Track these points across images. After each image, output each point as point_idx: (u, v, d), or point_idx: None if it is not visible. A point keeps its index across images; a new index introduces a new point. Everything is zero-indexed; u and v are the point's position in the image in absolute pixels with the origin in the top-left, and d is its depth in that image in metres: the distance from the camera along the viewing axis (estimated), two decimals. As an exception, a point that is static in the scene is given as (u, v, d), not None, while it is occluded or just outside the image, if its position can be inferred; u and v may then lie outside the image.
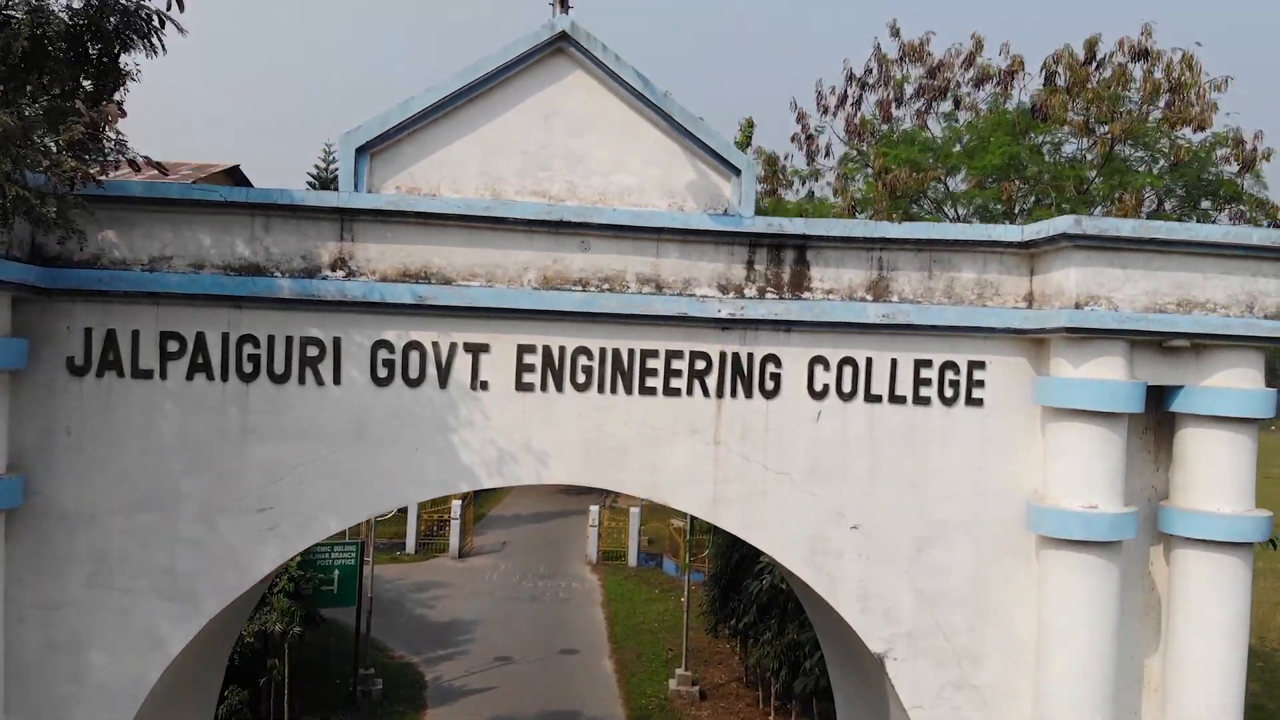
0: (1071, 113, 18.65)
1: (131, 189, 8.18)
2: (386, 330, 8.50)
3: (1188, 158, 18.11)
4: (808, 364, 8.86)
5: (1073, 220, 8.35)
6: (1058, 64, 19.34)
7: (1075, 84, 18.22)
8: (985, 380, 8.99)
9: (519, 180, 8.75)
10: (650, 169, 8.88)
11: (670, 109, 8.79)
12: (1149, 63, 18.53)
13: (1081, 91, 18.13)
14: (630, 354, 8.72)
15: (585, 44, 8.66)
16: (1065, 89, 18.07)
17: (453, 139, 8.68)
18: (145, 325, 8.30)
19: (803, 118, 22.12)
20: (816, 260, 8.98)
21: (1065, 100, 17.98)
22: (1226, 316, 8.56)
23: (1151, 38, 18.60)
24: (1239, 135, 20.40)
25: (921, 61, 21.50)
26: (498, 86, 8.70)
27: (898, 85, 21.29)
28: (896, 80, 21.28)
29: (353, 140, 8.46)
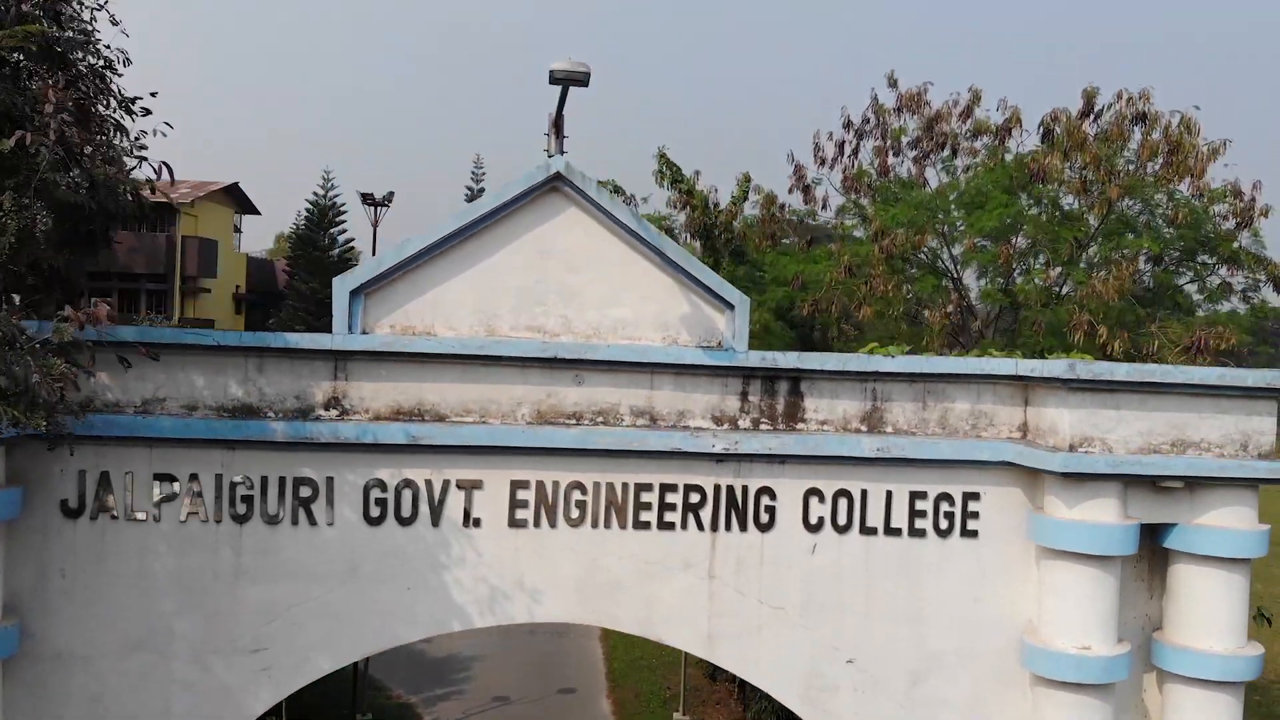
0: (1069, 171, 18.62)
1: (124, 334, 8.16)
2: (380, 469, 8.49)
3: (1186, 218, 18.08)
4: (802, 496, 8.86)
5: (1066, 365, 8.34)
6: (1055, 122, 19.32)
7: (1073, 145, 18.20)
8: (980, 511, 8.99)
9: (514, 316, 8.74)
10: (645, 303, 8.87)
11: (664, 246, 8.79)
12: (1147, 125, 18.51)
13: (1079, 153, 18.12)
14: (624, 488, 8.72)
15: (580, 184, 8.65)
16: (1063, 151, 18.05)
17: (448, 277, 8.67)
18: (139, 467, 8.30)
19: (799, 170, 22.12)
20: (810, 391, 8.98)
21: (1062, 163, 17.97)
22: (1221, 457, 8.56)
23: (1150, 101, 18.59)
24: (1237, 186, 20.39)
25: (918, 112, 21.48)
26: (493, 225, 8.69)
27: (895, 136, 21.27)
28: (894, 131, 21.26)
29: (347, 283, 8.45)
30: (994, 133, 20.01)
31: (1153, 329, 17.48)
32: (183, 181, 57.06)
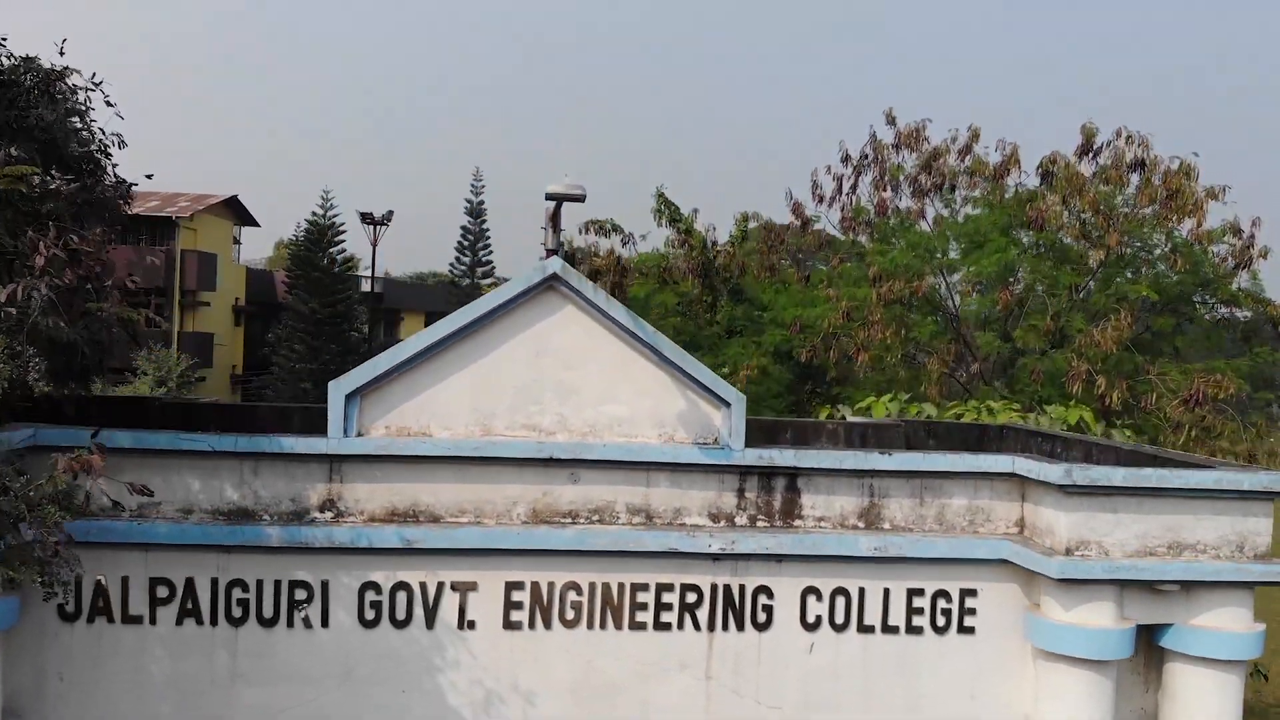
0: (1067, 214, 18.64)
1: (119, 440, 8.15)
2: (374, 571, 8.48)
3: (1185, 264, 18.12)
4: (800, 595, 8.85)
5: (1063, 471, 8.33)
6: (1054, 164, 19.32)
7: (1071, 190, 18.20)
8: (977, 608, 8.97)
9: (510, 414, 8.72)
10: (641, 399, 8.86)
11: (660, 344, 8.78)
12: (1146, 170, 18.51)
13: (1078, 198, 18.11)
14: (620, 588, 8.71)
15: (576, 284, 8.64)
16: (1062, 196, 18.07)
17: (444, 376, 8.65)
18: (134, 572, 8.29)
19: (797, 208, 22.12)
20: (808, 488, 8.97)
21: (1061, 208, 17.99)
22: (1217, 559, 8.55)
23: (1149, 148, 18.58)
24: (1236, 224, 20.42)
25: (916, 148, 21.49)
26: (490, 324, 8.67)
27: (893, 173, 21.27)
28: (892, 168, 21.25)
29: (343, 387, 8.44)
30: (992, 175, 20.01)
31: (1151, 376, 17.49)
32: (181, 194, 57.02)
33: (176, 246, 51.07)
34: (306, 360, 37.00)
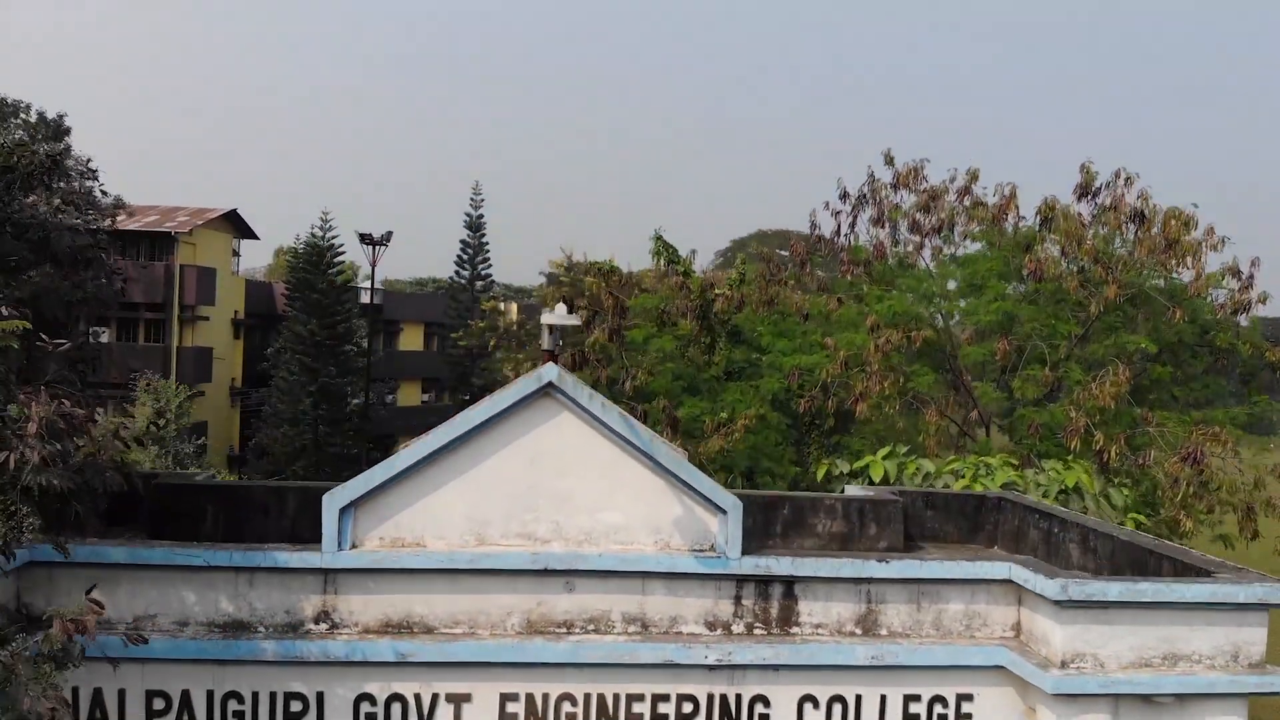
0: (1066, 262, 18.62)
1: (114, 555, 8.14)
2: (369, 683, 8.46)
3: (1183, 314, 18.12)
4: (797, 703, 8.83)
5: (1059, 587, 8.31)
6: (1052, 211, 19.32)
7: (1070, 240, 18.19)
8: (973, 712, 8.97)
9: (504, 523, 8.71)
10: (637, 506, 8.84)
11: (655, 451, 8.77)
12: (1145, 224, 18.49)
13: (1077, 249, 18.10)
14: (616, 699, 8.69)
15: (571, 391, 8.63)
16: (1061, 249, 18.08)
17: (438, 485, 8.64)
18: (131, 685, 8.27)
19: (795, 249, 22.10)
20: (805, 595, 8.96)
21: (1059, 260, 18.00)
22: (1211, 669, 8.53)
23: (1149, 201, 18.56)
24: (1236, 266, 20.43)
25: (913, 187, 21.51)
26: (484, 432, 8.66)
27: (892, 218, 21.26)
28: (891, 211, 21.25)
29: (336, 501, 8.43)
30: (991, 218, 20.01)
31: (1150, 429, 17.48)
32: (181, 208, 56.95)
33: (175, 261, 50.93)
34: (306, 382, 36.97)
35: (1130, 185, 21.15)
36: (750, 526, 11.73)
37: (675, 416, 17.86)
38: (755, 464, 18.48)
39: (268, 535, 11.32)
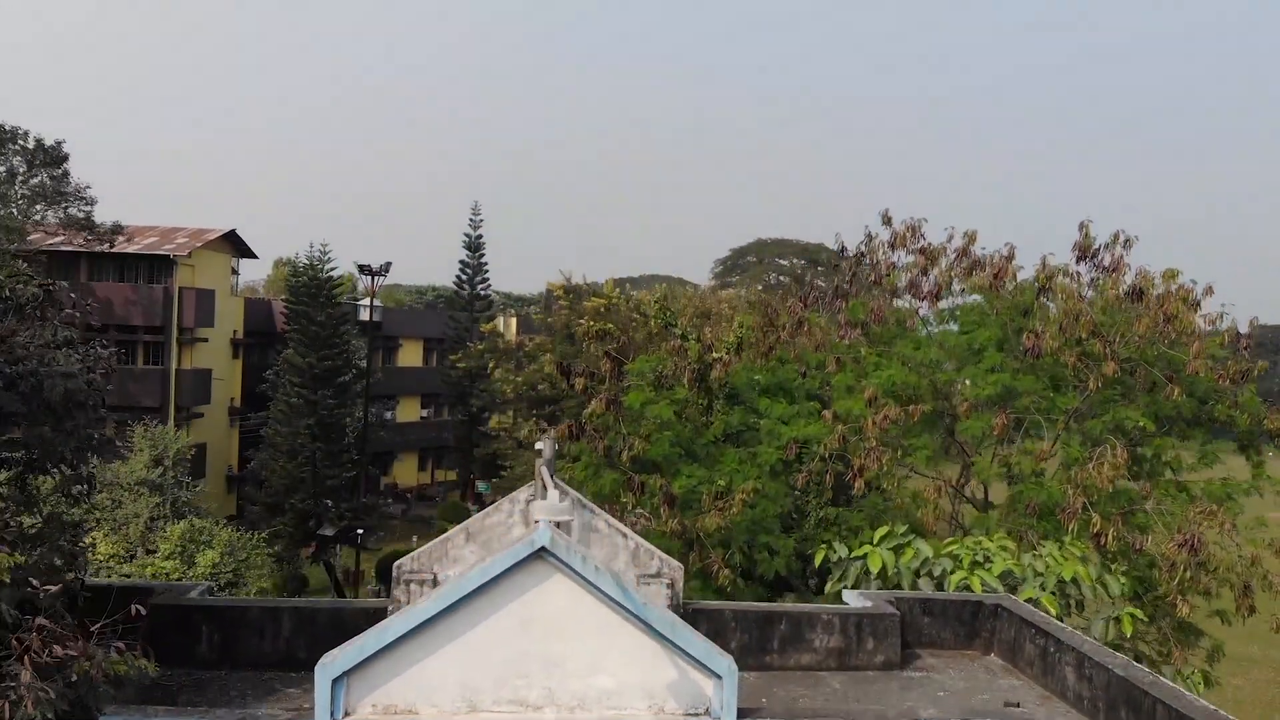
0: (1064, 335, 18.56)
1: (105, 732, 8.10)
2: None
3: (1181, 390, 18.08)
4: None
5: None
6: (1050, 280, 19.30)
7: (1067, 316, 18.13)
8: None
9: (496, 689, 8.67)
10: (630, 669, 8.80)
11: (649, 615, 8.72)
12: (1144, 302, 18.43)
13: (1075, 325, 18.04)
14: None
15: (564, 555, 8.58)
16: (1059, 326, 18.03)
17: (430, 652, 8.59)
18: None
19: (793, 309, 22.04)
20: (797, 754, 8.92)
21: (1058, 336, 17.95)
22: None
23: (1150, 279, 18.52)
24: (1235, 329, 20.45)
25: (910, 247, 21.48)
26: (477, 597, 8.61)
27: (890, 283, 21.22)
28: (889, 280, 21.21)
29: (329, 672, 8.38)
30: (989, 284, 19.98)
31: (1148, 508, 17.44)
32: (179, 229, 56.86)
33: (174, 284, 50.90)
34: (304, 413, 36.95)
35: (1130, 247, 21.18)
36: (747, 642, 11.74)
37: (672, 494, 17.81)
38: (753, 538, 18.45)
39: (264, 657, 11.33)
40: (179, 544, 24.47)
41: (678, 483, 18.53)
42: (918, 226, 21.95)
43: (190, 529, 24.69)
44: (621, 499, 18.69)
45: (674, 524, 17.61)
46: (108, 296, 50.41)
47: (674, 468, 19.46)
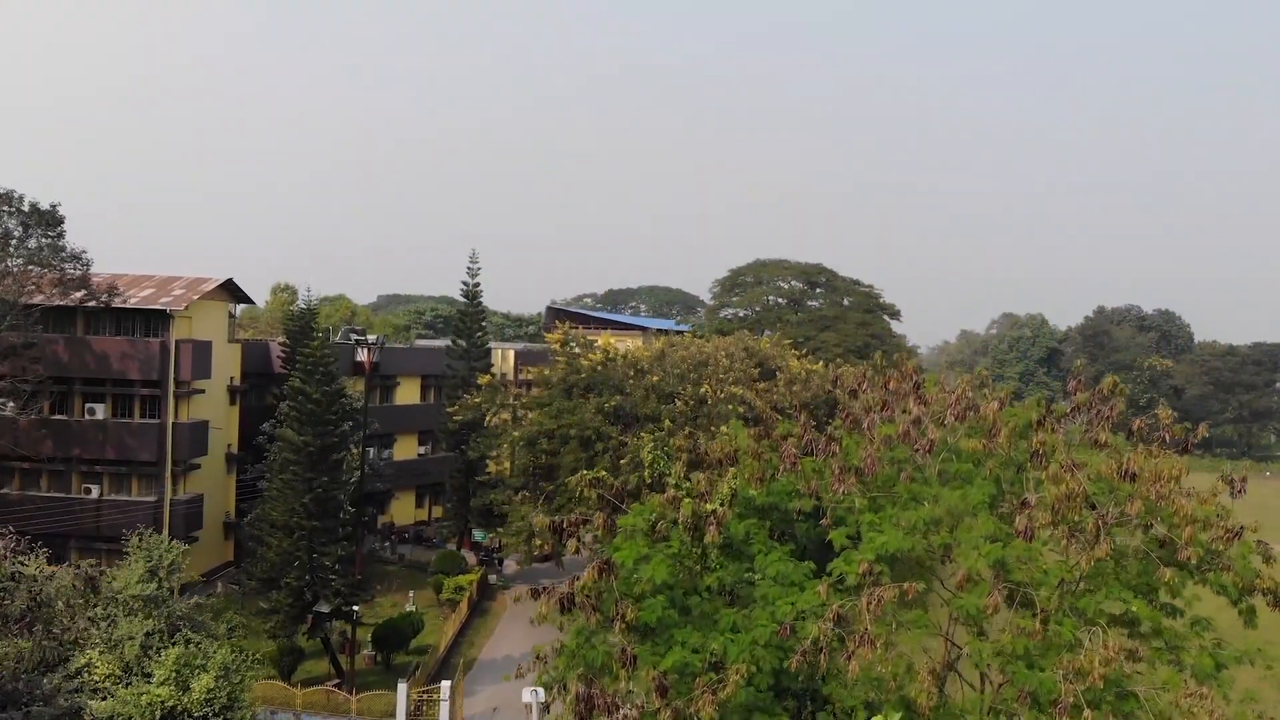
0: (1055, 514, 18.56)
1: None
2: None
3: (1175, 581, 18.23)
4: None
5: None
6: (1044, 445, 19.36)
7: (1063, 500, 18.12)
8: None
9: None
10: None
11: None
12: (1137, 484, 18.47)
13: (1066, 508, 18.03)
14: None
15: None
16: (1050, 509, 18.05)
17: None
18: None
19: (789, 456, 22.03)
20: None
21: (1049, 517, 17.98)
22: None
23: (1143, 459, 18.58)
24: (1228, 476, 20.56)
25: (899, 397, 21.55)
26: None
27: (884, 431, 21.27)
28: (882, 428, 21.25)
29: None
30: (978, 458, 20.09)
31: (1139, 692, 17.47)
32: (177, 279, 56.72)
33: (171, 338, 50.92)
34: (300, 492, 37.02)
35: (1122, 394, 21.27)
36: None
37: (665, 684, 17.80)
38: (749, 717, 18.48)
39: None
40: (174, 669, 24.51)
41: (669, 658, 18.53)
42: (915, 377, 22.07)
43: (185, 653, 24.72)
44: (615, 672, 18.69)
45: (666, 716, 17.61)
46: (104, 350, 50.48)
47: (667, 632, 19.47)
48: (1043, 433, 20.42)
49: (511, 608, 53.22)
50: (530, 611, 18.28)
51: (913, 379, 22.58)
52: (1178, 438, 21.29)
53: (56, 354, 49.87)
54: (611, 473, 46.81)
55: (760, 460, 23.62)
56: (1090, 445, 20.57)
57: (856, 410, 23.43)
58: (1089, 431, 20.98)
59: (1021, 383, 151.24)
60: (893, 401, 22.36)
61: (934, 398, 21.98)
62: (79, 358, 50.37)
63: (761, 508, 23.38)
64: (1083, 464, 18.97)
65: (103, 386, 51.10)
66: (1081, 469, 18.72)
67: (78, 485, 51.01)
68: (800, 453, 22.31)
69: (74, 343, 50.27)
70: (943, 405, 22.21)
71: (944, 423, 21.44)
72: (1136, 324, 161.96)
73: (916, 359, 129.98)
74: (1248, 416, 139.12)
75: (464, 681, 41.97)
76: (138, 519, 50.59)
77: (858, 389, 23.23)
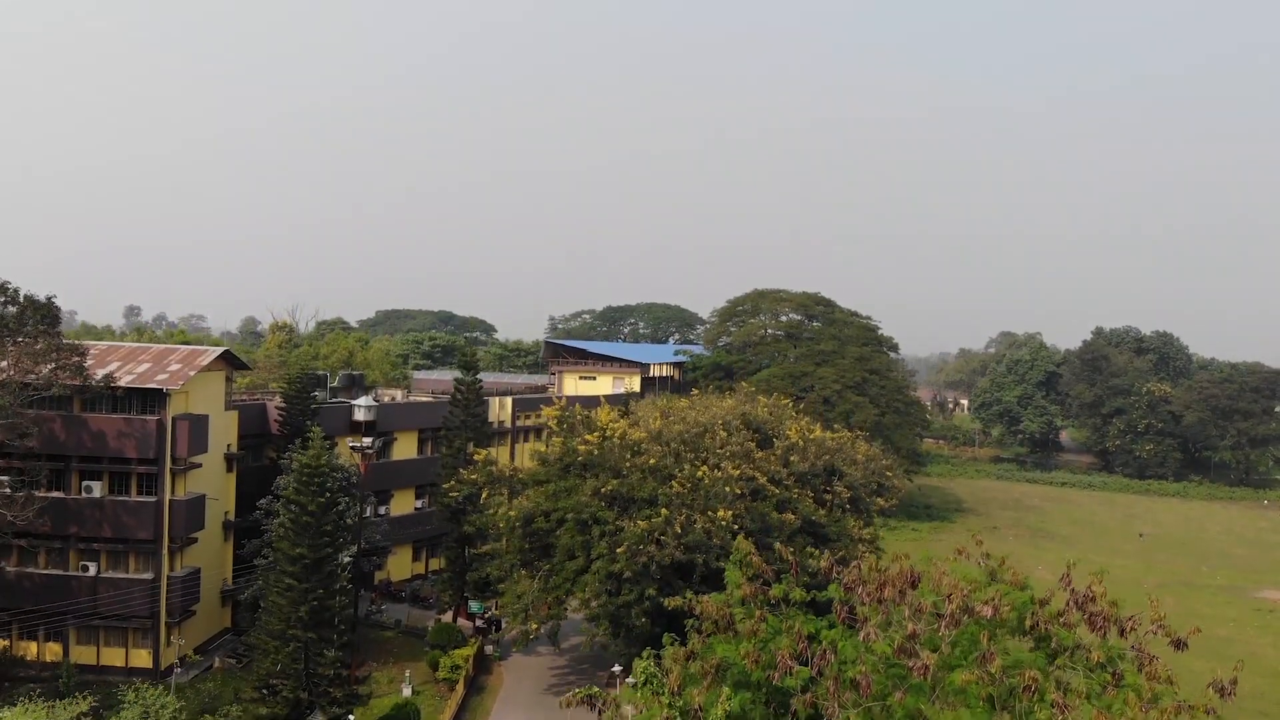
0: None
1: None
2: None
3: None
4: None
5: None
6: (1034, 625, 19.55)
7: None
8: None
9: None
10: None
11: None
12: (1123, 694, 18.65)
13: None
14: None
15: None
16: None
17: None
18: None
19: (784, 664, 22.07)
20: None
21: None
22: None
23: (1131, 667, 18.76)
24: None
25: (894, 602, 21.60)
26: None
27: (880, 649, 21.30)
28: (875, 646, 21.30)
29: None
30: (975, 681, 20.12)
31: None
32: (173, 351, 56.57)
33: (167, 415, 50.81)
34: (296, 603, 37.07)
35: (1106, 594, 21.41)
36: None
37: None
38: None
39: None
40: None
41: None
42: (913, 576, 22.12)
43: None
44: None
45: None
46: (101, 429, 50.36)
47: None
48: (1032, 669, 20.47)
49: (507, 685, 53.39)
50: (526, 692, 18.20)
51: (910, 577, 22.54)
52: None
53: (53, 432, 49.70)
54: (608, 558, 47.00)
55: (756, 636, 23.68)
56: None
57: (854, 599, 23.39)
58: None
59: (1020, 406, 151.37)
60: (888, 605, 22.36)
61: (935, 580, 21.92)
62: (75, 436, 50.24)
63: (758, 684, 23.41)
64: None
65: (99, 464, 50.97)
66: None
67: (75, 562, 50.93)
68: (796, 662, 22.35)
69: (70, 421, 50.11)
70: (940, 594, 22.31)
71: (939, 630, 21.47)
72: (1134, 346, 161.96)
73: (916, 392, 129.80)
74: (1245, 444, 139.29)
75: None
76: (135, 596, 50.73)
77: (854, 587, 23.20)
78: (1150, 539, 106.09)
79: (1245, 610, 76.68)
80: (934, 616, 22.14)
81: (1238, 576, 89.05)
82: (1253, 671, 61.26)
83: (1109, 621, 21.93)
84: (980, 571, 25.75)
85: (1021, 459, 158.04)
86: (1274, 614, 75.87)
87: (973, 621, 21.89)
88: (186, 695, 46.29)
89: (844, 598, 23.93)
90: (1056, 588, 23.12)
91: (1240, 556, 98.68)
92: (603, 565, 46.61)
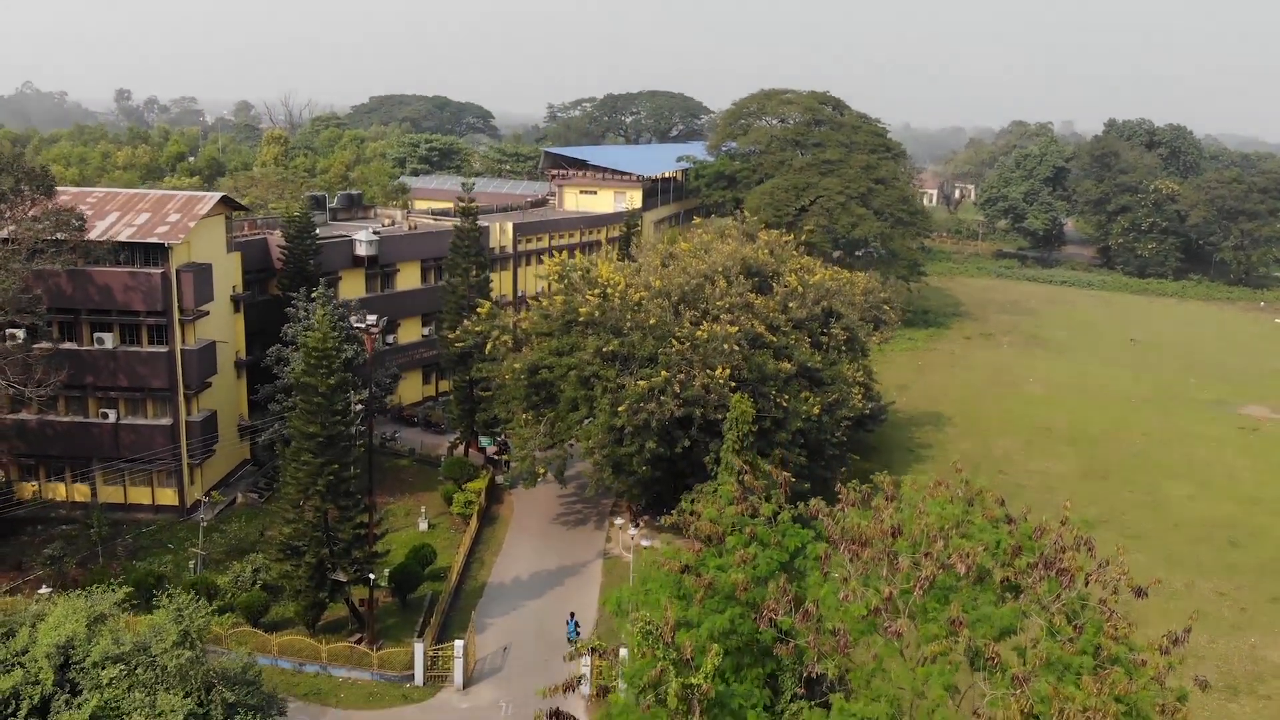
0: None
1: None
2: None
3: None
4: None
5: None
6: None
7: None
8: None
9: None
10: None
11: None
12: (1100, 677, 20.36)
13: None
14: None
15: None
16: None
17: None
18: None
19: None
20: None
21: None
22: None
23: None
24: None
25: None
26: None
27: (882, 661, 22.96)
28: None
29: None
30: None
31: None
32: (171, 197, 55.96)
33: (171, 267, 51.06)
34: (314, 476, 39.04)
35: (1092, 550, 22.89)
36: None
37: None
38: None
39: None
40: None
41: None
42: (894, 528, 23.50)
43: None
44: None
45: None
46: (107, 282, 50.69)
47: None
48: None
49: (517, 515, 56.46)
50: (535, 521, 19.29)
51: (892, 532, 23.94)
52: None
53: (59, 286, 50.00)
54: (609, 413, 48.67)
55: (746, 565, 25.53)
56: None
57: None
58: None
59: (1026, 203, 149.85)
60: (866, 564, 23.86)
61: (918, 524, 23.45)
62: (82, 289, 50.59)
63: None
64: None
65: (109, 315, 51.63)
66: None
67: (94, 409, 52.60)
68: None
69: (75, 275, 50.17)
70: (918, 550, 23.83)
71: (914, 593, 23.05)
72: (1146, 138, 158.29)
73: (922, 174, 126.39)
74: (1248, 244, 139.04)
75: (475, 615, 45.01)
76: (156, 440, 52.84)
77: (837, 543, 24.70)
78: (1142, 345, 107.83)
79: (1229, 429, 78.72)
80: (913, 567, 23.59)
81: (1225, 390, 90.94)
82: (1228, 497, 64.00)
83: (1077, 572, 23.48)
84: (959, 505, 27.14)
85: (1024, 253, 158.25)
86: (1256, 433, 77.94)
87: (947, 574, 23.41)
88: (213, 538, 49.37)
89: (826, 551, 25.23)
90: (1040, 526, 24.48)
91: (1231, 366, 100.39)
92: (604, 419, 48.25)
